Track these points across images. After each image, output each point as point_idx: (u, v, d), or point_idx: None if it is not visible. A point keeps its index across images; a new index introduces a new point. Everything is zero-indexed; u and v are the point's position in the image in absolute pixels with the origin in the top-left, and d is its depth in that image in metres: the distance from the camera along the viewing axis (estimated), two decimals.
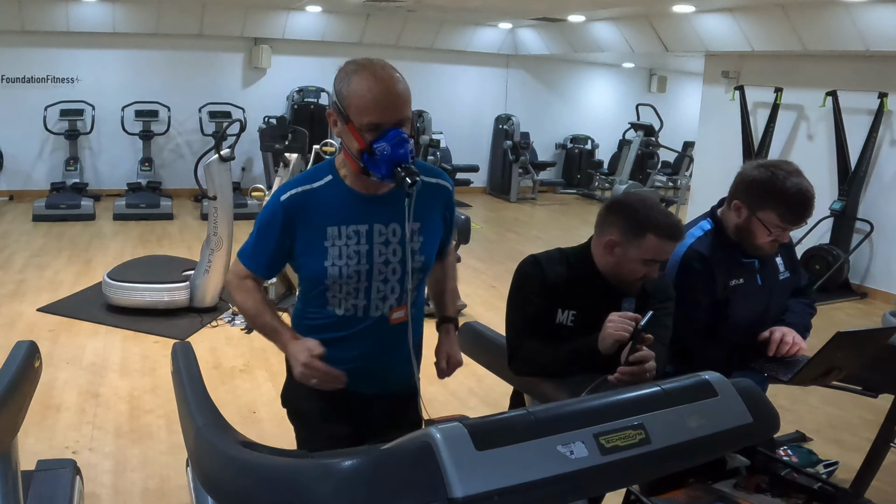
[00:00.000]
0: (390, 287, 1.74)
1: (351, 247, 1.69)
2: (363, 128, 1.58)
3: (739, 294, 2.15)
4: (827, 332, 1.91)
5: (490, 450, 0.98)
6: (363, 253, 1.70)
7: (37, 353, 1.90)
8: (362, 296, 1.73)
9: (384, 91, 1.57)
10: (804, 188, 2.02)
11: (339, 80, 1.62)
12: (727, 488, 1.36)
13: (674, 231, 1.83)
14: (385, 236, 1.72)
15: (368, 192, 1.71)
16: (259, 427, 3.41)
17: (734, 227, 2.15)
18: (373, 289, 1.73)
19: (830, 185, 6.57)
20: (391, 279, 1.74)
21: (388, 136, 1.57)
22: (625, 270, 1.87)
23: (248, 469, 1.14)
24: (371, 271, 1.71)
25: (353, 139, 1.61)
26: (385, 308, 1.75)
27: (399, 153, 1.58)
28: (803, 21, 6.11)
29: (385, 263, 1.72)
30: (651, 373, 1.71)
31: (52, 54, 8.50)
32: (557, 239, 7.02)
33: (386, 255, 1.72)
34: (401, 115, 1.60)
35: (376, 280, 1.72)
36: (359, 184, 1.70)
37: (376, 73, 1.58)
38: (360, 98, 1.57)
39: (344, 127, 1.62)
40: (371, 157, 1.59)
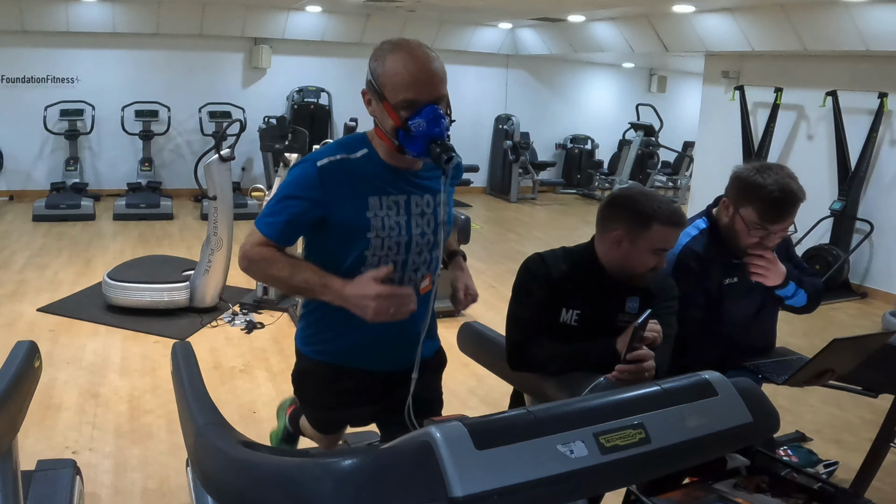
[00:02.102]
0: (423, 258, 1.76)
1: (392, 217, 1.69)
2: (399, 105, 1.59)
3: (734, 293, 2.16)
4: (827, 331, 1.92)
5: (490, 449, 0.98)
6: (403, 224, 1.71)
7: (37, 353, 1.90)
8: (399, 268, 1.73)
9: (420, 68, 1.58)
10: (786, 186, 2.01)
11: (375, 59, 1.62)
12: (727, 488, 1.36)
13: (677, 217, 1.87)
14: (420, 207, 1.74)
15: (401, 167, 1.72)
16: (259, 427, 3.41)
17: (724, 225, 2.15)
18: (409, 261, 1.74)
19: (830, 185, 6.57)
20: (424, 251, 1.76)
21: (423, 113, 1.58)
22: (634, 263, 1.88)
23: (248, 469, 1.13)
24: (410, 243, 1.72)
25: (388, 117, 1.61)
26: (417, 279, 1.76)
27: (435, 130, 1.58)
28: (803, 21, 6.11)
29: (421, 235, 1.74)
30: (650, 372, 1.71)
31: (52, 54, 8.50)
32: (558, 239, 7.02)
33: (422, 227, 1.74)
34: (437, 92, 1.61)
35: (413, 252, 1.74)
36: (392, 160, 1.70)
37: (412, 52, 1.60)
38: (397, 75, 1.58)
39: (379, 105, 1.62)
40: (406, 134, 1.60)
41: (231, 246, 4.91)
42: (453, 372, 4.09)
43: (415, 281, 1.75)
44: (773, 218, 2.04)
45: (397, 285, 1.68)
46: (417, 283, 1.75)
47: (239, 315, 4.94)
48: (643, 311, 1.85)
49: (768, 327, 2.35)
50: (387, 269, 1.59)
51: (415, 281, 1.75)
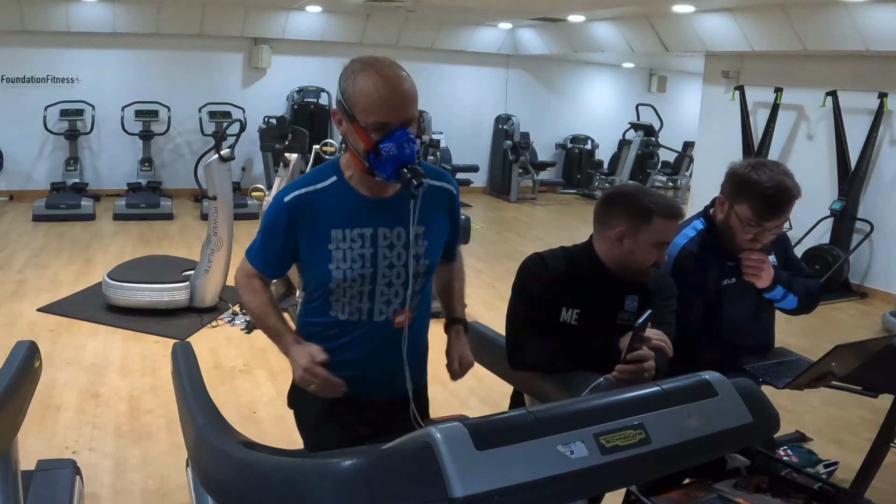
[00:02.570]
0: (394, 291, 1.72)
1: (355, 250, 1.67)
2: (369, 127, 1.56)
3: (732, 293, 2.15)
4: (826, 331, 1.92)
5: (490, 450, 0.98)
6: (367, 256, 1.68)
7: (37, 353, 1.90)
8: (366, 300, 1.71)
9: (390, 90, 1.54)
10: (780, 183, 2.01)
11: (345, 79, 1.59)
12: (727, 488, 1.36)
13: (675, 210, 1.89)
14: (390, 240, 1.69)
15: (373, 194, 1.69)
16: (259, 427, 3.41)
17: (720, 222, 2.15)
18: (377, 293, 1.71)
19: (830, 185, 6.57)
20: (395, 283, 1.72)
21: (394, 136, 1.55)
22: (637, 259, 1.88)
23: (248, 469, 1.13)
24: (375, 275, 1.69)
25: (358, 139, 1.58)
26: (389, 312, 1.73)
27: (405, 154, 1.55)
28: (803, 21, 6.11)
29: (389, 267, 1.70)
30: (650, 372, 1.71)
31: (52, 54, 8.50)
32: (557, 239, 7.01)
33: (390, 259, 1.70)
34: (407, 114, 1.57)
35: (380, 284, 1.70)
36: (364, 185, 1.68)
37: (382, 72, 1.55)
38: (366, 97, 1.54)
39: (349, 126, 1.59)
40: (377, 158, 1.57)
41: (231, 246, 4.91)
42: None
43: (385, 313, 1.73)
44: (768, 215, 2.04)
45: (366, 317, 1.73)
46: (388, 315, 1.73)
47: (239, 315, 4.94)
48: (642, 309, 1.85)
49: (767, 327, 2.35)
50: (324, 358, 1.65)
51: (385, 313, 1.73)
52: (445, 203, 1.79)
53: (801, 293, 2.23)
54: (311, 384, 1.66)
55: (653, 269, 1.91)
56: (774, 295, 2.19)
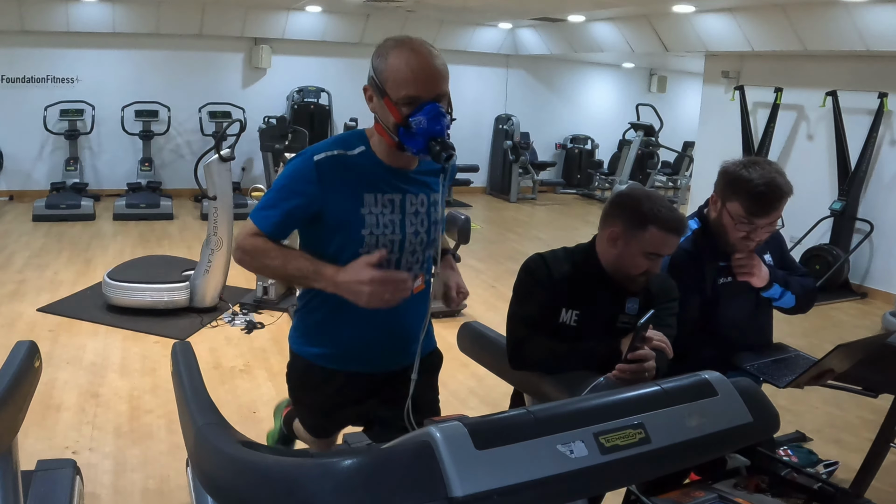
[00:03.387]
0: (416, 258, 1.76)
1: (387, 216, 1.69)
2: (400, 101, 1.59)
3: (728, 292, 2.16)
4: (826, 331, 1.92)
5: (490, 449, 0.98)
6: (397, 223, 1.71)
7: (37, 353, 1.90)
8: (392, 266, 1.72)
9: (422, 65, 1.58)
10: (771, 181, 2.01)
11: (377, 56, 1.62)
12: (727, 488, 1.36)
13: (676, 224, 1.84)
14: (415, 206, 1.73)
15: (398, 166, 1.72)
16: (259, 427, 3.41)
17: (713, 221, 2.15)
18: (402, 260, 1.74)
19: (830, 185, 6.58)
20: (418, 250, 1.76)
21: (424, 110, 1.58)
22: (627, 264, 1.87)
23: (248, 469, 1.13)
24: (403, 241, 1.72)
25: (388, 113, 1.61)
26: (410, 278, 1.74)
27: (436, 128, 1.58)
28: (803, 21, 6.11)
29: (415, 234, 1.74)
30: (650, 372, 1.71)
31: (52, 54, 8.50)
32: (557, 239, 7.02)
33: (416, 226, 1.74)
34: (438, 89, 1.61)
35: (406, 251, 1.73)
36: (389, 158, 1.70)
37: (415, 49, 1.60)
38: (398, 72, 1.58)
39: (380, 101, 1.62)
40: (407, 131, 1.59)
41: (231, 246, 4.91)
42: (453, 372, 4.09)
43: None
44: (759, 212, 2.04)
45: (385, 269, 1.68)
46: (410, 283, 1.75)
47: (239, 315, 4.94)
48: (643, 312, 1.85)
49: (765, 325, 2.35)
50: (380, 254, 1.59)
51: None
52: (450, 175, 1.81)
53: (798, 292, 2.24)
54: (385, 294, 1.56)
55: (643, 278, 1.89)
56: (772, 294, 2.20)
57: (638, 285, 1.91)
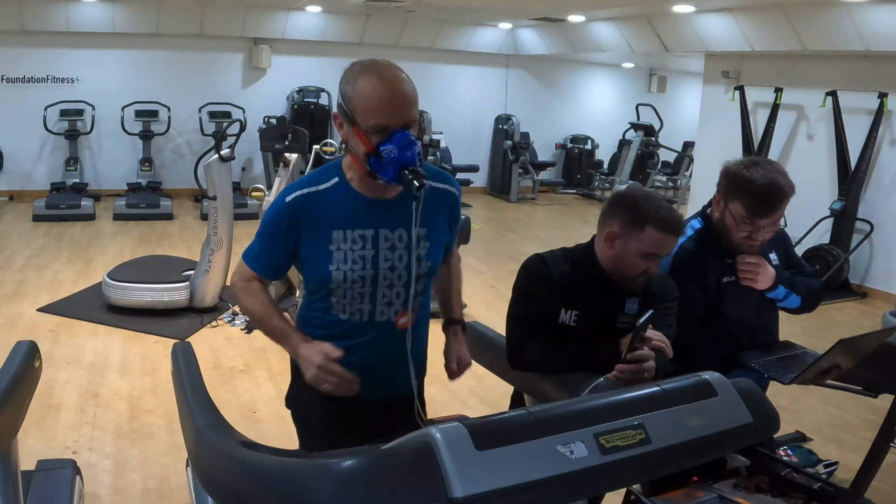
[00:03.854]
0: (395, 292, 1.72)
1: (356, 251, 1.67)
2: (369, 130, 1.55)
3: (732, 291, 2.16)
4: (827, 331, 1.92)
5: (490, 450, 0.98)
6: (369, 258, 1.68)
7: (37, 353, 1.90)
8: (367, 301, 1.71)
9: (390, 92, 1.54)
10: (773, 181, 2.01)
11: (345, 82, 1.59)
12: (727, 488, 1.36)
13: (674, 225, 1.83)
14: (391, 241, 1.69)
15: (375, 196, 1.68)
16: (259, 427, 3.41)
17: (716, 220, 2.15)
18: (378, 294, 1.71)
19: (830, 185, 6.58)
20: (396, 284, 1.71)
21: (395, 139, 1.54)
22: (625, 264, 1.87)
23: (248, 469, 1.13)
24: (377, 276, 1.69)
25: (359, 142, 1.58)
26: (391, 313, 1.73)
27: (406, 156, 1.54)
28: (803, 21, 6.11)
29: (391, 269, 1.69)
30: (650, 372, 1.71)
31: (52, 54, 8.50)
32: (557, 239, 7.02)
33: (392, 261, 1.69)
34: (408, 116, 1.57)
35: (382, 286, 1.70)
36: (365, 187, 1.67)
37: (382, 74, 1.55)
38: (366, 100, 1.54)
39: (350, 129, 1.59)
40: (378, 160, 1.56)
41: (231, 246, 4.91)
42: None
43: (387, 314, 1.73)
44: (760, 212, 2.03)
45: (367, 319, 1.72)
46: (390, 317, 1.73)
47: (239, 315, 4.94)
48: (643, 312, 1.84)
49: (771, 323, 2.34)
50: (339, 353, 1.62)
51: (387, 314, 1.73)
52: (447, 205, 1.79)
53: (803, 292, 2.23)
54: (325, 382, 1.62)
55: (641, 278, 1.88)
56: (777, 294, 2.19)
57: (637, 285, 1.91)
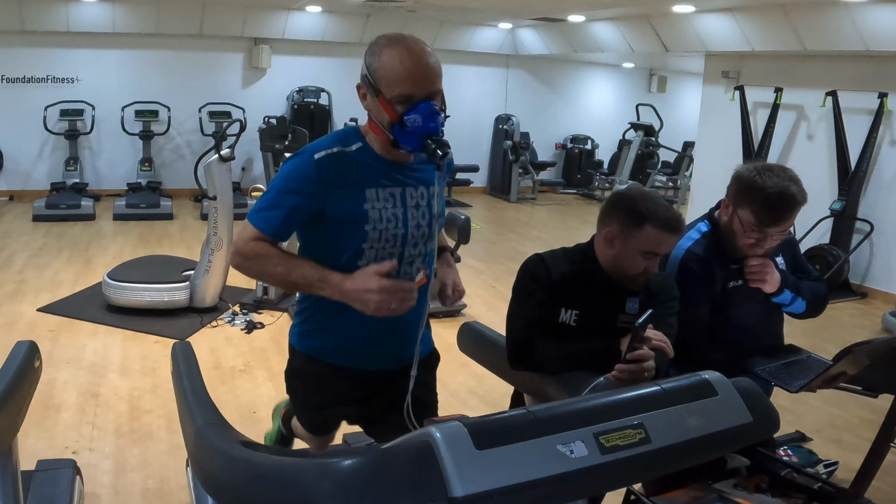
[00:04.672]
0: (418, 251, 1.76)
1: (389, 210, 1.70)
2: (394, 100, 1.59)
3: (738, 296, 2.14)
4: (827, 331, 1.92)
5: (490, 449, 0.98)
6: (400, 216, 1.71)
7: (37, 353, 1.90)
8: (396, 259, 1.72)
9: (416, 63, 1.58)
10: (784, 190, 1.98)
11: (370, 54, 1.63)
12: (727, 488, 1.36)
13: (673, 224, 1.82)
14: (416, 199, 1.74)
15: (395, 159, 1.72)
16: (259, 427, 3.40)
17: (724, 225, 2.14)
18: (405, 253, 1.74)
19: (830, 185, 6.57)
20: (419, 243, 1.76)
21: (419, 108, 1.58)
22: (625, 264, 1.87)
23: (248, 469, 1.14)
24: (406, 235, 1.72)
25: (383, 112, 1.61)
26: (413, 271, 1.76)
27: (430, 126, 1.58)
28: (803, 21, 6.11)
29: (417, 227, 1.74)
30: (650, 372, 1.71)
31: (52, 54, 8.50)
32: (557, 239, 7.02)
33: (417, 219, 1.74)
34: (432, 87, 1.61)
35: (409, 244, 1.74)
36: (386, 153, 1.71)
37: (408, 46, 1.60)
38: (392, 70, 1.58)
39: (374, 100, 1.63)
40: (402, 129, 1.60)
41: (231, 246, 4.90)
42: (453, 372, 4.09)
43: (410, 274, 1.75)
44: (770, 221, 2.01)
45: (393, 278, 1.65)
46: (413, 276, 1.75)
47: (239, 315, 4.94)
48: (643, 311, 1.84)
49: (776, 327, 2.33)
50: (390, 265, 1.59)
51: (410, 274, 1.75)
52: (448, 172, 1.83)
53: (809, 297, 2.21)
54: (392, 303, 1.56)
55: (642, 277, 1.88)
56: (783, 299, 2.17)
57: (637, 284, 1.91)
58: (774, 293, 2.14)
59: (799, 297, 2.19)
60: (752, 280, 2.11)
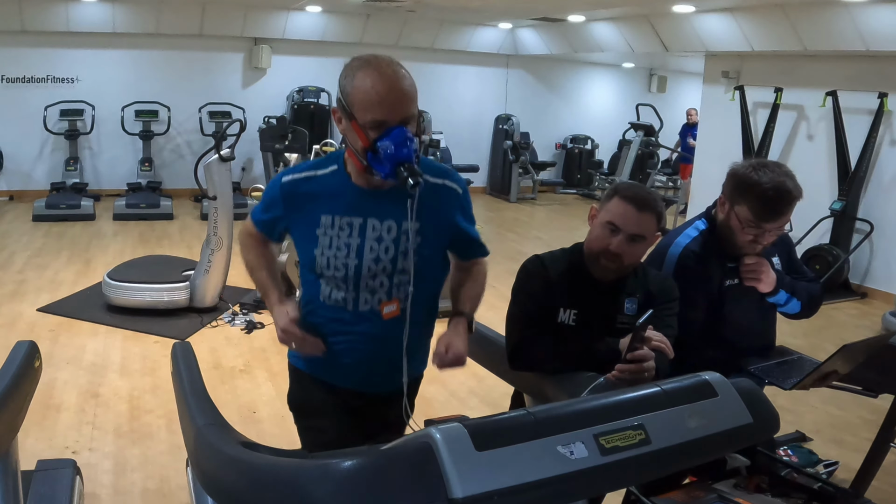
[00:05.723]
0: (380, 283, 1.71)
1: (342, 238, 1.68)
2: (367, 125, 1.55)
3: (735, 295, 2.14)
4: (827, 331, 1.91)
5: (490, 450, 0.98)
6: (354, 246, 1.68)
7: (37, 353, 1.90)
8: (351, 288, 1.71)
9: (388, 88, 1.54)
10: (780, 185, 1.99)
11: (344, 77, 1.59)
12: (727, 488, 1.36)
13: (639, 199, 1.83)
14: (378, 232, 1.68)
15: (370, 186, 1.68)
16: (259, 427, 3.41)
17: (720, 223, 2.14)
18: (361, 283, 1.70)
19: (830, 185, 6.58)
20: (381, 276, 1.70)
21: (392, 135, 1.54)
22: (592, 240, 1.90)
23: (248, 469, 1.13)
24: (360, 266, 1.68)
25: (357, 137, 1.58)
26: (374, 302, 1.71)
27: (403, 152, 1.54)
28: (803, 21, 6.11)
29: (375, 260, 1.68)
30: (650, 373, 1.71)
31: (52, 54, 8.50)
32: (557, 239, 7.02)
33: (377, 252, 1.68)
34: (405, 112, 1.56)
35: (365, 276, 1.70)
36: (362, 180, 1.68)
37: (381, 70, 1.55)
38: (364, 95, 1.54)
39: (348, 124, 1.60)
40: (374, 156, 1.56)
41: (231, 246, 4.90)
42: (453, 372, 4.08)
43: (370, 303, 1.72)
44: (767, 216, 2.02)
45: (352, 306, 1.73)
46: (374, 305, 1.72)
47: (239, 315, 4.94)
48: (642, 311, 1.84)
49: (769, 328, 2.34)
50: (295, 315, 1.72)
51: (370, 303, 1.72)
52: (451, 202, 1.77)
53: (804, 299, 2.22)
54: (288, 342, 1.73)
55: (611, 264, 1.85)
56: (778, 300, 2.17)
57: (608, 273, 1.89)
58: (770, 293, 2.14)
59: (794, 298, 2.19)
60: (747, 279, 2.11)
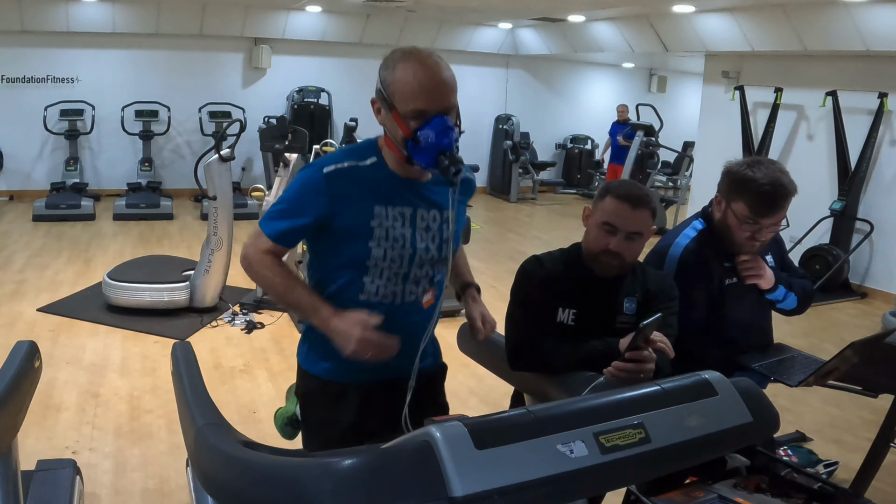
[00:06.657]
0: (425, 272, 1.73)
1: (397, 229, 1.67)
2: (408, 115, 1.57)
3: (734, 293, 2.15)
4: (827, 331, 1.92)
5: (490, 449, 0.98)
6: (408, 236, 1.68)
7: (37, 353, 1.90)
8: (400, 280, 1.71)
9: (430, 78, 1.57)
10: (776, 180, 2.00)
11: (385, 68, 1.61)
12: (727, 488, 1.36)
13: (632, 197, 1.84)
14: (426, 222, 1.71)
15: (410, 177, 1.70)
16: (259, 427, 3.41)
17: (717, 221, 2.15)
18: (411, 274, 1.71)
19: (830, 185, 6.58)
20: (427, 265, 1.73)
21: (432, 124, 1.56)
22: (589, 240, 1.90)
23: (248, 469, 1.13)
24: (414, 256, 1.70)
25: (397, 127, 1.59)
26: (419, 292, 1.74)
27: (444, 141, 1.56)
28: (803, 21, 6.11)
29: (426, 250, 1.71)
30: (648, 374, 1.71)
31: (52, 54, 8.51)
32: (557, 239, 7.02)
33: (426, 242, 1.71)
34: (446, 102, 1.59)
35: (415, 266, 1.71)
36: (401, 170, 1.68)
37: (422, 60, 1.58)
38: (406, 85, 1.56)
39: (388, 114, 1.61)
40: (415, 145, 1.58)
41: (231, 246, 4.91)
42: (453, 372, 4.07)
43: (416, 294, 1.73)
44: (764, 212, 2.03)
45: (400, 300, 1.70)
46: (419, 297, 1.73)
47: (239, 315, 4.94)
48: (641, 311, 1.84)
49: (767, 326, 2.35)
50: (378, 319, 1.59)
51: (416, 294, 1.73)
52: (468, 192, 1.83)
53: (799, 294, 2.25)
54: (367, 353, 1.58)
55: (612, 261, 1.86)
56: (776, 296, 2.19)
57: (609, 271, 1.89)
58: (769, 290, 2.16)
59: (791, 294, 2.21)
60: (747, 277, 2.12)
